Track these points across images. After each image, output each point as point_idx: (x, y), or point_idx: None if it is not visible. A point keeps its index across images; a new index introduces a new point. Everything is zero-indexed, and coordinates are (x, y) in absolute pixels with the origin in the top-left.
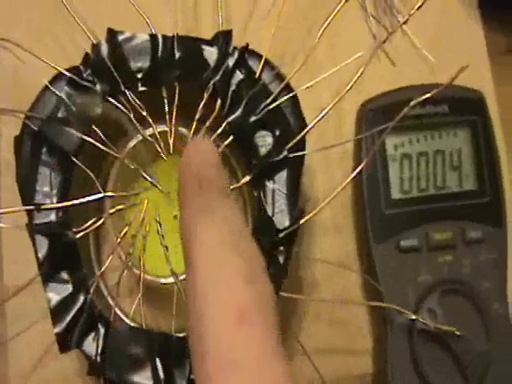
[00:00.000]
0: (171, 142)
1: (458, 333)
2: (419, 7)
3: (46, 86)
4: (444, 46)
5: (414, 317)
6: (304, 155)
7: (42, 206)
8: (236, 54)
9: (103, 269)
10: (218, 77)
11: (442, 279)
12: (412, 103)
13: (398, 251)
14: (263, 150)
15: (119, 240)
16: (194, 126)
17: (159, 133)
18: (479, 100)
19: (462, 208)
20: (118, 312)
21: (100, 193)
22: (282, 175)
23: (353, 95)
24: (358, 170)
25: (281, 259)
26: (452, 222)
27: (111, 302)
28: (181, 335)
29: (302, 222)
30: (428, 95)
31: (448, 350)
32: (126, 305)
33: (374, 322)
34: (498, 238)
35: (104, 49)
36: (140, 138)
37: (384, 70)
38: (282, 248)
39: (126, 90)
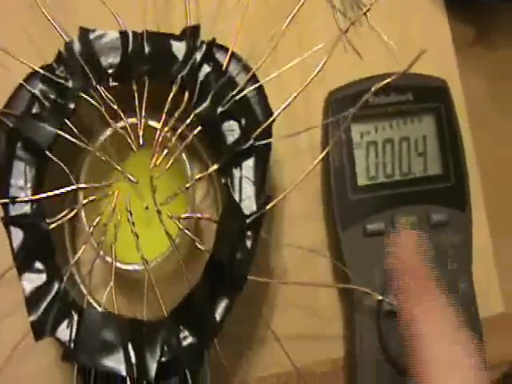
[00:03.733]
0: (141, 133)
1: None
2: None
3: (21, 84)
4: (410, 38)
5: (380, 298)
6: (270, 143)
7: (17, 199)
8: (203, 48)
9: (77, 257)
10: (186, 70)
11: None
12: (373, 88)
13: (365, 236)
14: (230, 139)
15: (92, 229)
16: (163, 118)
17: (130, 125)
18: (442, 88)
19: (427, 192)
20: (91, 300)
21: (73, 185)
22: (249, 163)
23: (321, 88)
24: (324, 152)
25: (248, 244)
26: (417, 206)
27: (84, 290)
28: (152, 320)
29: (268, 207)
30: (386, 81)
31: None
32: (100, 295)
33: (343, 306)
34: (462, 220)
35: (76, 46)
36: (112, 130)
37: (352, 63)
38: (249, 233)
39: (98, 86)
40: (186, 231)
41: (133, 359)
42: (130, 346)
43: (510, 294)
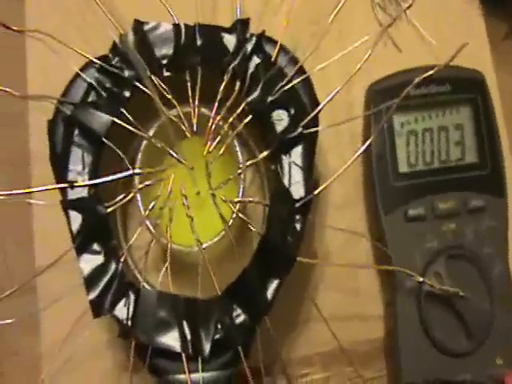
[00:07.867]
0: (194, 121)
1: (462, 294)
2: None
3: (77, 73)
4: (446, 31)
5: (421, 279)
6: (317, 131)
7: (76, 184)
8: (253, 40)
9: (133, 239)
10: (236, 61)
11: (446, 245)
12: (415, 81)
13: (406, 220)
14: (279, 128)
15: (148, 212)
16: (215, 107)
17: (183, 113)
18: (479, 79)
19: (465, 179)
20: (145, 285)
21: (129, 170)
22: (298, 150)
23: (362, 80)
24: (368, 142)
25: (298, 227)
26: (455, 192)
27: (138, 275)
28: (206, 299)
29: (316, 191)
30: (429, 73)
31: (453, 311)
32: (153, 279)
33: (385, 288)
34: (499, 206)
35: (131, 38)
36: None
37: (391, 56)
38: (298, 216)
39: (152, 76)
40: (240, 214)
41: (188, 336)
42: (185, 324)
43: None
